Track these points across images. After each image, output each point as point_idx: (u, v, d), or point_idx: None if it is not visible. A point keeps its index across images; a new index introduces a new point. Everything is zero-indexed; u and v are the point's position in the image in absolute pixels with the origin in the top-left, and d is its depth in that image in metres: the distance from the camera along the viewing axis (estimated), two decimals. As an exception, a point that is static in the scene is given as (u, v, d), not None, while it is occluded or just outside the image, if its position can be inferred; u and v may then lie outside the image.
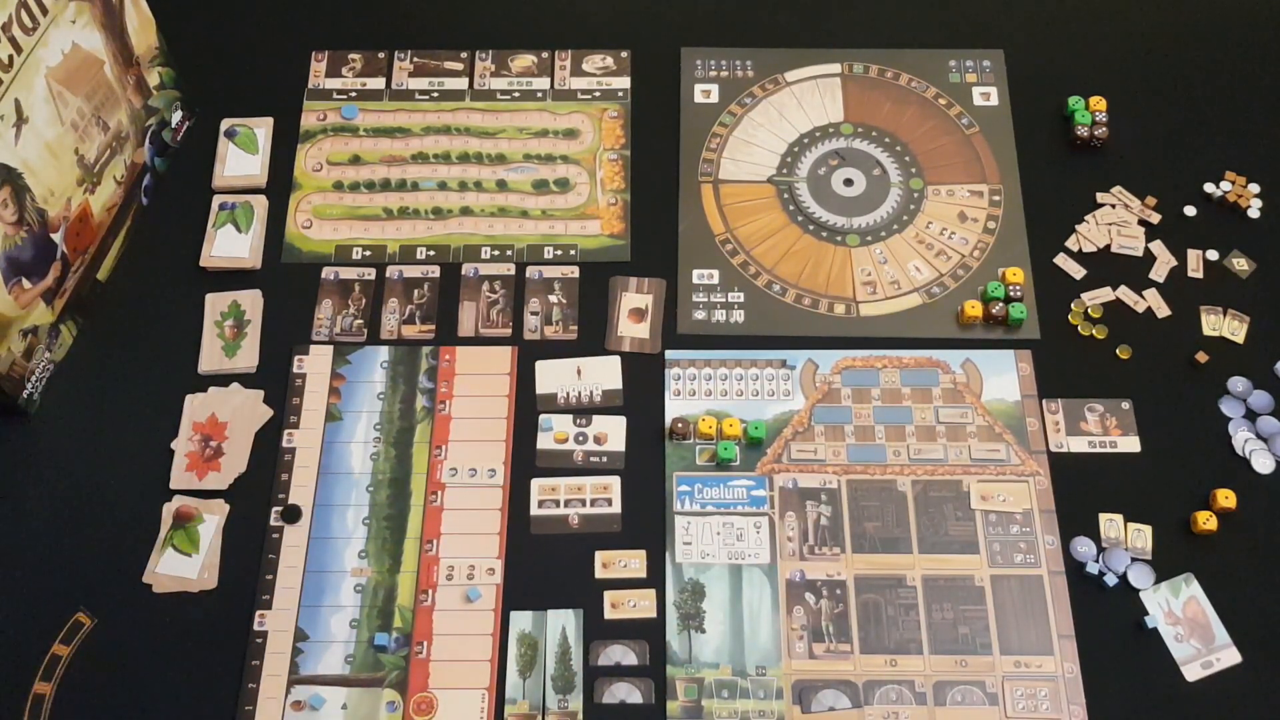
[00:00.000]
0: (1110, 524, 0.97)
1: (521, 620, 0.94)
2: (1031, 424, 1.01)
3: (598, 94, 1.19)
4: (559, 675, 0.92)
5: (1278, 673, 0.92)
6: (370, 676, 0.93)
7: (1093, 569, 0.95)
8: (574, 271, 1.09)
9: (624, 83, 1.19)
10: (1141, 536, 0.96)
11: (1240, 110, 1.17)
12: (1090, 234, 1.10)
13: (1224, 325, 1.06)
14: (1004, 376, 1.04)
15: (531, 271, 1.09)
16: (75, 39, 0.98)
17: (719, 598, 0.95)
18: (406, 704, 0.92)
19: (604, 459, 1.01)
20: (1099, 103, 1.15)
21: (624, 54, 1.21)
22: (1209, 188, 1.12)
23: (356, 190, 1.14)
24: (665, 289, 1.08)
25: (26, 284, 0.98)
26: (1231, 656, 0.92)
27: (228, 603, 0.96)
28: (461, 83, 1.19)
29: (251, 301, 1.07)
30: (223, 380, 1.04)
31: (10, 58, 0.91)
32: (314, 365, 1.05)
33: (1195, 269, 1.09)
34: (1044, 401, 1.02)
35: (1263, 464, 1.00)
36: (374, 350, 1.06)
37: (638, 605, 0.95)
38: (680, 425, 1.01)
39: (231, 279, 1.09)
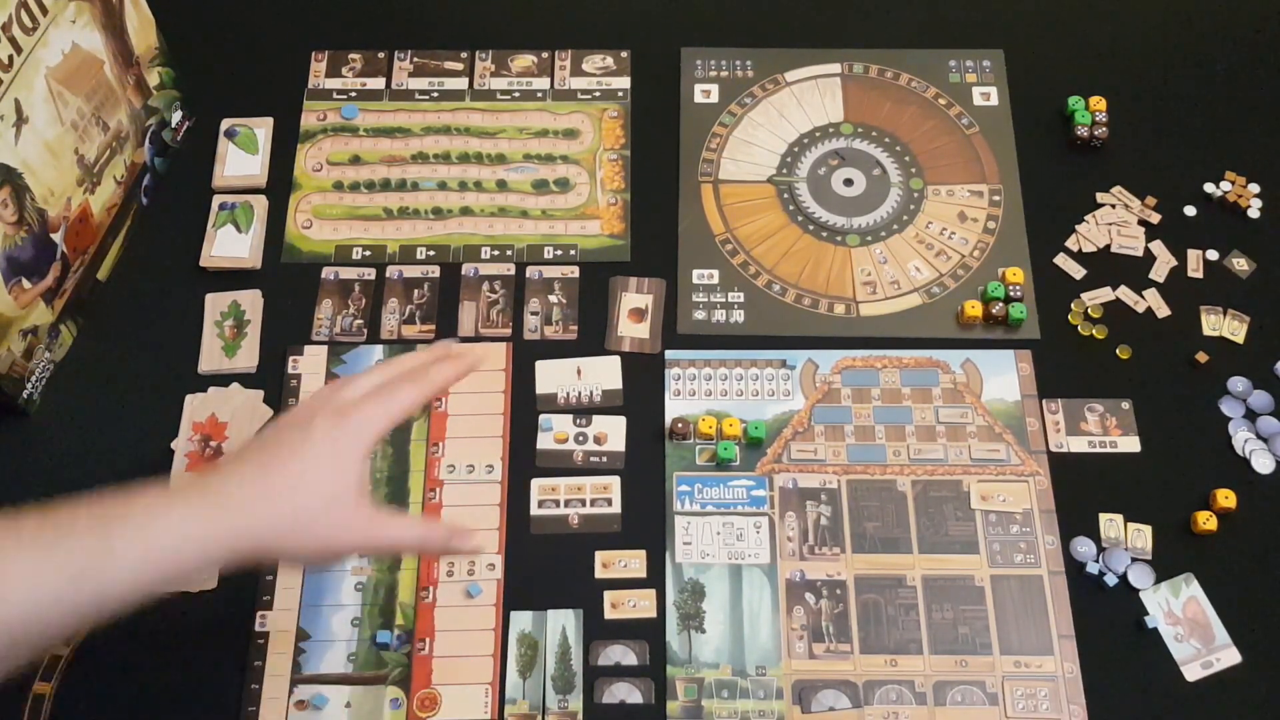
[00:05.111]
0: (1110, 524, 0.97)
1: (521, 620, 0.94)
2: (1031, 424, 1.01)
3: (598, 94, 1.18)
4: (559, 675, 0.92)
5: (1278, 673, 0.92)
6: (373, 674, 0.93)
7: (1093, 569, 0.95)
8: (574, 271, 1.09)
9: (624, 83, 1.19)
10: (1141, 536, 0.96)
11: (1240, 110, 1.17)
12: (1090, 234, 1.10)
13: (1224, 325, 1.06)
14: (1004, 376, 1.04)
15: (531, 271, 1.09)
16: (75, 39, 0.98)
17: (719, 598, 0.95)
18: (410, 701, 0.92)
19: (604, 459, 1.01)
20: (1099, 103, 1.15)
21: (624, 54, 1.21)
22: (1209, 188, 1.12)
23: (356, 190, 1.14)
24: (665, 289, 1.08)
25: (26, 284, 0.98)
26: (1231, 656, 0.92)
27: (228, 603, 0.95)
28: (461, 83, 1.19)
29: (251, 301, 1.07)
30: (223, 380, 1.04)
31: (10, 58, 0.91)
32: (308, 366, 1.05)
33: (1195, 269, 1.09)
34: (1044, 401, 1.02)
35: (1263, 464, 1.00)
36: (368, 349, 1.06)
37: (638, 605, 0.95)
38: (680, 425, 1.01)
39: (231, 279, 1.09)
